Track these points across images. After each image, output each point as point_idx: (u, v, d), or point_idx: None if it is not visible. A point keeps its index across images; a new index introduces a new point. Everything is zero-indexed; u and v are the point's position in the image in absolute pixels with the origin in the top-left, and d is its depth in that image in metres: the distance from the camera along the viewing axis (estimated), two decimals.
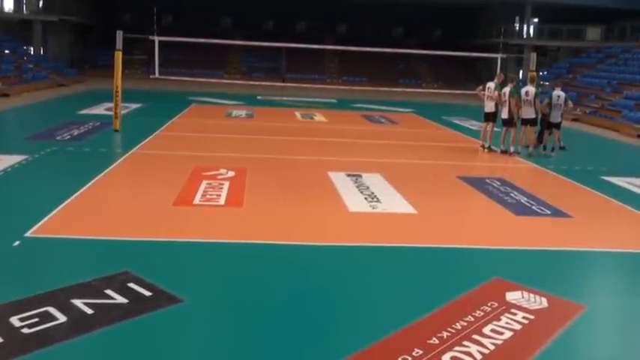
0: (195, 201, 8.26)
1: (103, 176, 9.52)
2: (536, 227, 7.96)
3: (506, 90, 13.27)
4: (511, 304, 5.29)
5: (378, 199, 8.79)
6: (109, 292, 5.12)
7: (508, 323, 4.91)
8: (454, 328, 4.74)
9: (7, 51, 28.74)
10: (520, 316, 5.05)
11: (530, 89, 13.22)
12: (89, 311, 4.75)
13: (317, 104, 24.36)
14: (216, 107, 21.64)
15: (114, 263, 5.76)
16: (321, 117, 20.00)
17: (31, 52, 33.03)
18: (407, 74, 39.22)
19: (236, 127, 16.65)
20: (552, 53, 38.13)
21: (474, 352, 4.41)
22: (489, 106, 13.69)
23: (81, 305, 4.83)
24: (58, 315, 4.65)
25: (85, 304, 4.85)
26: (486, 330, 4.76)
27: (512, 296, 5.46)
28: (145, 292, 5.16)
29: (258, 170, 10.46)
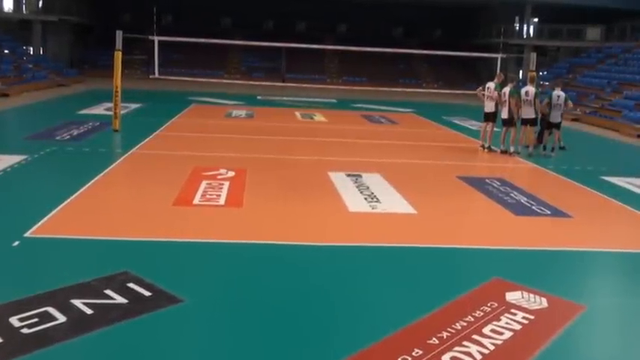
0: (195, 201, 8.25)
1: (103, 176, 9.52)
2: (536, 227, 7.96)
3: (506, 90, 13.27)
4: (511, 304, 5.29)
5: (377, 199, 8.79)
6: (109, 292, 5.12)
7: (508, 323, 4.91)
8: (454, 329, 4.74)
9: (6, 51, 28.72)
10: (520, 317, 5.04)
11: (530, 89, 13.21)
12: (89, 311, 4.75)
13: (317, 104, 24.35)
14: (216, 107, 21.64)
15: (113, 263, 5.76)
16: (321, 117, 19.99)
17: (31, 52, 33.02)
18: (407, 74, 39.22)
19: (236, 127, 16.64)
20: (552, 53, 38.13)
21: (474, 352, 4.41)
22: (489, 106, 13.68)
23: (80, 305, 4.83)
24: (57, 315, 4.65)
25: (84, 305, 4.85)
26: (486, 330, 4.76)
27: (512, 296, 5.45)
28: (145, 292, 5.16)
29: (258, 170, 10.46)
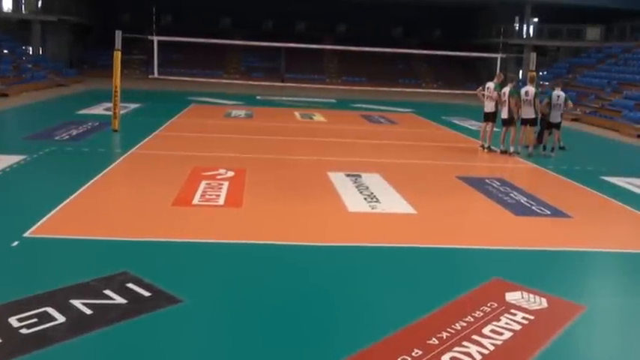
0: (195, 201, 8.24)
1: (102, 176, 9.51)
2: (535, 227, 7.95)
3: (506, 90, 13.26)
4: (511, 304, 5.28)
5: (377, 199, 8.78)
6: (108, 292, 5.11)
7: (508, 324, 4.90)
8: (454, 329, 4.73)
9: (5, 51, 28.71)
10: (520, 317, 5.04)
11: (529, 89, 13.21)
12: (88, 311, 4.74)
13: (316, 104, 24.35)
14: (216, 107, 21.63)
15: (113, 263, 5.75)
16: (320, 117, 19.99)
17: (30, 52, 33.00)
18: (406, 74, 39.22)
19: (235, 127, 16.63)
20: (552, 53, 38.13)
21: (474, 352, 4.40)
22: (489, 106, 13.66)
23: (80, 305, 4.82)
24: (56, 315, 4.64)
25: (83, 305, 4.84)
26: (486, 330, 4.75)
27: (511, 296, 5.45)
28: (144, 292, 5.15)
29: (257, 170, 10.45)
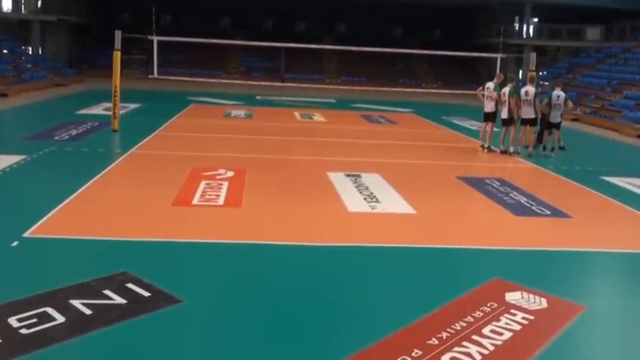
0: (194, 201, 8.24)
1: (102, 176, 9.50)
2: (535, 227, 7.95)
3: (506, 90, 13.26)
4: (511, 304, 5.28)
5: (377, 199, 8.78)
6: (108, 292, 5.10)
7: (508, 324, 4.90)
8: (453, 329, 4.73)
9: (5, 51, 28.70)
10: (520, 317, 5.03)
11: (529, 89, 13.20)
12: (88, 312, 4.74)
13: (316, 104, 24.34)
14: (215, 107, 21.62)
15: (112, 263, 5.74)
16: (320, 117, 19.98)
17: (30, 52, 32.99)
18: (406, 74, 39.22)
19: (235, 127, 16.63)
20: (552, 53, 38.13)
21: (474, 352, 4.40)
22: (489, 106, 13.65)
23: (79, 306, 4.82)
24: (56, 315, 4.64)
25: (83, 305, 4.83)
26: (486, 331, 4.75)
27: (511, 297, 5.44)
28: (144, 292, 5.14)
29: (257, 170, 10.44)
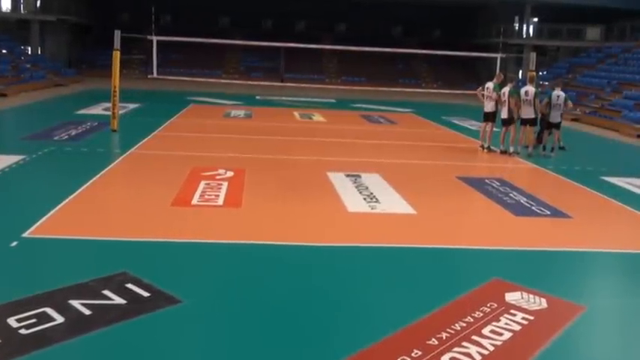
0: (194, 201, 8.23)
1: (101, 176, 9.49)
2: (535, 228, 7.94)
3: (506, 90, 13.25)
4: (510, 304, 5.27)
5: (377, 199, 8.77)
6: (107, 292, 5.10)
7: (507, 324, 4.89)
8: (453, 329, 4.72)
9: (4, 51, 28.69)
10: (519, 317, 5.03)
11: (529, 89, 13.20)
12: (87, 312, 4.73)
13: (316, 104, 24.33)
14: (215, 107, 21.61)
15: (112, 264, 5.74)
16: (319, 117, 19.97)
17: (29, 52, 32.95)
18: (406, 74, 39.21)
19: (235, 127, 16.62)
20: (552, 53, 38.12)
21: (474, 352, 4.40)
22: (489, 106, 13.64)
23: (79, 306, 4.81)
24: (55, 316, 4.63)
25: (82, 305, 4.83)
26: (486, 331, 4.74)
27: (511, 297, 5.44)
28: (143, 292, 5.14)
29: (256, 170, 10.44)
